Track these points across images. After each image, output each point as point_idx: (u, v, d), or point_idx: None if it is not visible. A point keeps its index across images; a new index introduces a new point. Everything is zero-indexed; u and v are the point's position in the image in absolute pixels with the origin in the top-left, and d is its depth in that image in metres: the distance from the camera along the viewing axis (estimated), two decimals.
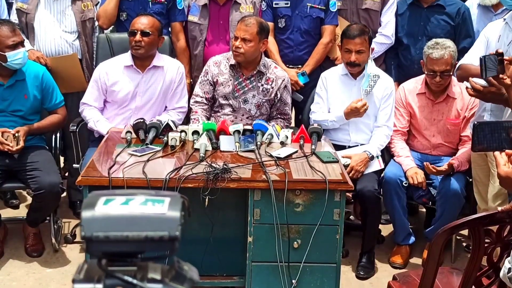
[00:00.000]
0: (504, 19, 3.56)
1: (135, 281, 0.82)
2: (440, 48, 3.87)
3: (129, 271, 0.84)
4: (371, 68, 4.07)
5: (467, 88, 3.11)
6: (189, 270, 0.90)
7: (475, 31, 4.39)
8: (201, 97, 4.10)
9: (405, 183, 3.93)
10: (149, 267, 0.87)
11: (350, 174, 3.80)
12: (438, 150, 4.16)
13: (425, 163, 3.93)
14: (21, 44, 3.80)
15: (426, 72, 3.98)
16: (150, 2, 4.50)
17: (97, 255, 0.85)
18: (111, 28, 4.64)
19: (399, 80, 4.46)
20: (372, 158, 3.98)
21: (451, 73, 3.92)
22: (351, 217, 4.65)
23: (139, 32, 3.95)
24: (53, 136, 4.14)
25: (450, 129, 4.08)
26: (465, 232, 4.27)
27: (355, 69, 4.06)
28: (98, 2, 4.57)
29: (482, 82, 2.99)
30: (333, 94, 4.18)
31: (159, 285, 0.84)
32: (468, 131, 3.97)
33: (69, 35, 4.41)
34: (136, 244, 0.85)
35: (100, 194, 0.88)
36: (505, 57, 2.82)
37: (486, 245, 2.50)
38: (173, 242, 0.86)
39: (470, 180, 3.93)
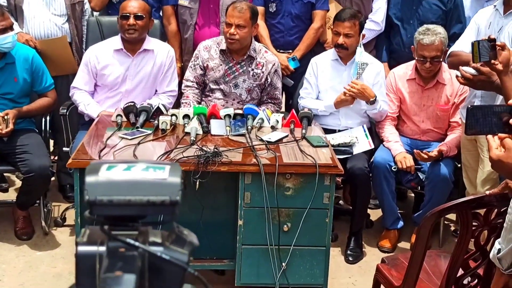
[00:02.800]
0: (495, 6, 3.59)
1: (137, 244, 0.83)
2: (431, 34, 3.90)
3: (131, 235, 0.86)
4: (360, 56, 4.08)
5: (457, 76, 3.13)
6: (189, 235, 0.92)
7: (467, 17, 4.41)
8: (192, 81, 4.10)
9: (394, 168, 3.96)
10: (150, 232, 0.89)
11: (354, 87, 3.90)
12: (427, 135, 4.19)
13: (415, 151, 3.96)
14: (10, 28, 3.77)
15: (416, 58, 4.00)
16: None
17: (100, 219, 0.87)
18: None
19: (390, 64, 4.49)
20: (375, 99, 3.99)
21: (441, 60, 3.95)
22: (341, 201, 4.69)
23: (132, 16, 3.94)
24: (43, 119, 4.12)
25: (440, 115, 4.11)
26: (453, 217, 4.32)
27: (343, 52, 4.08)
28: None
29: (472, 70, 3.01)
30: (323, 79, 4.20)
31: (160, 248, 0.85)
32: (457, 117, 4.01)
33: (58, 18, 4.38)
34: (138, 208, 0.87)
35: (102, 162, 0.89)
36: (497, 43, 2.83)
37: (473, 228, 2.53)
38: (174, 206, 0.88)
39: (459, 165, 3.97)
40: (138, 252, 0.84)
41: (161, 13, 4.63)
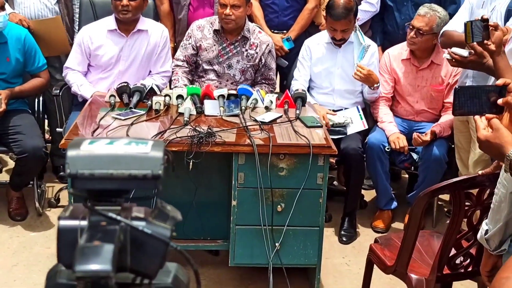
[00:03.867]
0: None
1: (119, 218, 0.83)
2: (429, 8, 3.95)
3: (114, 211, 0.85)
4: (362, 38, 4.08)
5: (447, 59, 3.13)
6: (172, 210, 0.92)
7: None
8: (182, 61, 4.09)
9: (388, 148, 3.97)
10: (134, 208, 0.88)
11: (361, 72, 3.93)
12: (421, 116, 4.19)
13: (414, 134, 3.95)
14: (1, 8, 3.74)
15: (407, 29, 4.02)
16: None
17: (82, 193, 0.87)
18: None
19: (384, 46, 4.47)
20: (379, 84, 4.04)
21: (425, 37, 3.94)
22: (335, 182, 4.70)
23: None
24: (36, 100, 4.11)
25: (434, 96, 4.11)
26: (446, 197, 4.33)
27: (340, 43, 4.10)
28: None
29: (462, 52, 3.00)
30: (317, 61, 4.19)
31: (142, 222, 0.85)
32: (451, 98, 4.00)
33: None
34: (120, 182, 0.86)
35: (85, 138, 0.88)
36: (490, 23, 2.82)
37: (466, 208, 2.54)
38: (156, 180, 0.87)
39: (453, 146, 3.97)
40: (120, 226, 0.83)
41: None
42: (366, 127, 4.07)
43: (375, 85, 4.02)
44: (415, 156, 4.03)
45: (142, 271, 0.87)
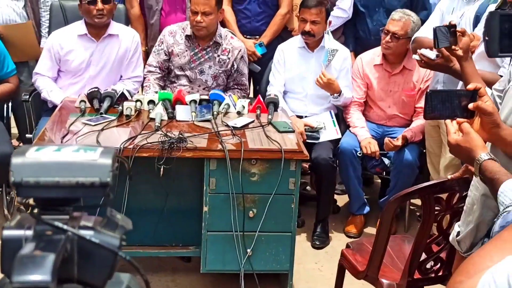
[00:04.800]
0: None
1: (65, 227, 0.80)
2: (403, 13, 3.99)
3: (61, 220, 0.83)
4: (329, 42, 4.09)
5: (416, 60, 3.16)
6: (122, 219, 0.89)
7: (432, 4, 4.43)
8: (155, 67, 4.07)
9: (359, 153, 3.98)
10: (83, 217, 0.86)
11: (322, 79, 3.95)
12: (393, 121, 4.21)
13: (386, 139, 3.97)
14: None
15: (382, 34, 4.04)
16: None
17: (30, 203, 0.84)
18: None
19: (356, 51, 4.49)
20: (340, 93, 4.03)
21: (400, 41, 3.96)
22: (308, 187, 4.69)
23: (99, 0, 3.87)
24: (5, 106, 4.05)
25: (406, 101, 4.14)
26: (418, 202, 4.34)
27: (310, 39, 4.09)
28: None
29: (430, 54, 3.03)
30: (291, 66, 4.19)
31: (90, 232, 0.83)
32: (422, 103, 4.02)
33: (16, 3, 4.30)
34: (67, 190, 0.84)
35: (34, 145, 0.86)
36: (457, 29, 2.85)
37: (436, 212, 2.55)
38: (104, 188, 0.85)
39: (424, 151, 4.00)
40: (66, 236, 0.81)
41: None
42: (339, 135, 4.07)
43: (335, 94, 4.02)
44: (386, 161, 4.04)
45: (90, 282, 0.85)
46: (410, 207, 4.26)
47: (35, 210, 0.85)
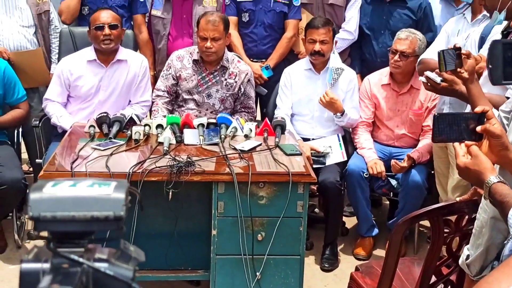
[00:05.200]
0: (463, 14, 3.65)
1: (81, 260, 0.83)
2: (408, 32, 4.03)
3: (77, 252, 0.85)
4: (334, 61, 4.12)
5: (422, 82, 3.17)
6: (135, 251, 0.91)
7: (438, 26, 4.47)
8: (163, 91, 4.10)
9: (366, 174, 3.99)
10: (98, 249, 0.88)
11: (324, 98, 3.98)
12: (401, 141, 4.22)
13: (392, 161, 3.98)
14: None
15: (390, 54, 4.08)
16: None
17: (47, 236, 0.86)
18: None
19: (362, 74, 4.52)
20: (343, 113, 4.04)
21: (409, 59, 3.99)
22: (316, 210, 4.69)
23: (107, 26, 3.93)
24: (15, 131, 4.09)
25: (414, 120, 4.15)
26: (428, 223, 4.33)
27: (319, 59, 4.11)
28: None
29: (435, 77, 3.04)
30: (297, 89, 4.22)
31: (105, 264, 0.85)
32: (429, 121, 4.05)
33: (27, 30, 4.36)
34: (83, 224, 0.86)
35: (50, 180, 0.89)
36: (462, 51, 2.86)
37: (445, 235, 2.54)
38: (118, 221, 0.87)
39: (432, 172, 4.00)
40: (82, 268, 0.83)
41: (132, 23, 4.62)
42: (345, 158, 4.07)
43: (338, 113, 4.04)
44: (393, 182, 4.05)
45: None
46: (420, 229, 4.25)
47: (52, 243, 0.87)
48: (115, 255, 0.87)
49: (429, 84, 3.08)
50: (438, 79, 3.01)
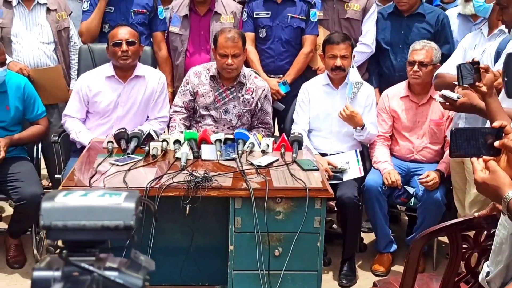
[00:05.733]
0: (480, 29, 3.64)
1: (91, 268, 0.83)
2: (422, 42, 4.07)
3: (88, 261, 0.86)
4: (354, 75, 4.13)
5: (440, 102, 3.15)
6: (146, 260, 0.92)
7: (455, 40, 4.46)
8: (180, 107, 4.13)
9: (385, 187, 3.97)
10: (109, 258, 0.89)
11: (344, 111, 3.97)
12: (421, 153, 4.18)
13: (419, 181, 3.95)
14: (1, 64, 3.78)
15: (407, 65, 4.09)
16: (132, 13, 4.54)
17: (58, 245, 0.87)
18: None
19: (380, 88, 4.51)
20: (363, 127, 4.03)
21: (428, 68, 4.00)
22: (334, 225, 4.67)
23: (124, 42, 3.97)
24: (35, 147, 4.13)
25: (435, 130, 4.13)
26: (446, 239, 4.29)
27: (340, 74, 4.12)
28: (71, 11, 4.61)
29: (452, 95, 3.02)
30: (315, 104, 4.21)
31: (115, 273, 0.86)
32: None
33: (47, 46, 4.43)
34: (93, 233, 0.87)
35: (62, 190, 0.90)
36: (481, 65, 2.85)
37: (463, 250, 2.52)
38: (128, 231, 0.88)
39: (451, 187, 3.97)
40: (92, 277, 0.84)
41: (151, 40, 4.67)
42: (362, 174, 4.02)
43: (358, 128, 4.03)
44: (410, 190, 4.02)
45: None
46: (439, 245, 4.21)
47: (64, 252, 0.88)
48: (125, 264, 0.88)
49: (447, 103, 3.06)
50: (454, 96, 2.99)
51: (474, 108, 2.95)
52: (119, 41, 3.98)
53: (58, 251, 0.89)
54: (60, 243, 0.89)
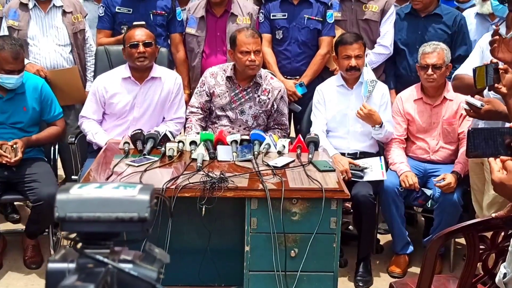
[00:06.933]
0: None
1: (106, 260, 0.83)
2: (432, 45, 4.07)
3: (102, 253, 0.86)
4: (367, 74, 4.12)
5: (465, 109, 3.12)
6: (160, 253, 0.92)
7: (472, 40, 4.43)
8: (197, 107, 4.13)
9: (401, 189, 3.95)
10: (124, 251, 0.89)
11: (362, 110, 3.97)
12: (437, 154, 4.16)
13: (435, 183, 3.93)
14: (18, 71, 3.81)
15: (419, 70, 4.08)
16: (151, 15, 4.56)
17: (74, 237, 0.88)
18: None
19: (397, 89, 4.49)
20: (381, 125, 4.02)
21: (442, 70, 4.00)
22: (350, 227, 4.65)
23: (141, 43, 3.99)
24: (52, 148, 4.16)
25: (449, 130, 4.12)
26: (464, 241, 4.26)
27: (355, 74, 4.12)
28: (87, 14, 4.64)
29: (475, 102, 2.99)
30: (331, 105, 4.21)
31: (130, 265, 0.86)
32: (465, 128, 4.00)
33: (63, 48, 4.46)
34: (108, 225, 0.87)
35: (76, 183, 0.90)
36: (500, 66, 2.82)
37: (481, 251, 2.50)
38: (142, 223, 0.88)
39: (468, 189, 3.94)
40: (106, 268, 0.84)
41: (169, 42, 4.68)
42: (385, 177, 3.97)
43: (377, 126, 4.02)
44: (428, 192, 4.00)
45: None
46: (456, 246, 4.18)
47: (79, 245, 0.88)
48: (140, 257, 0.88)
49: (471, 110, 3.03)
50: (478, 103, 2.96)
51: (500, 115, 2.90)
52: (136, 42, 3.99)
53: (73, 243, 0.90)
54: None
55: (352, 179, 3.91)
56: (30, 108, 3.96)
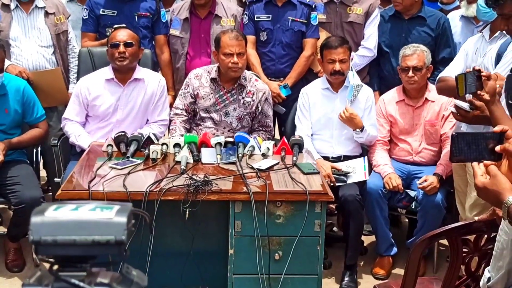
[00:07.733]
0: (481, 32, 3.63)
1: (81, 284, 0.82)
2: (412, 47, 4.09)
3: (79, 276, 0.85)
4: (353, 78, 4.12)
5: (452, 112, 3.12)
6: (138, 275, 0.91)
7: (457, 42, 4.46)
8: (181, 109, 4.11)
9: (385, 191, 3.96)
10: (101, 273, 0.88)
11: (344, 114, 4.00)
12: (420, 155, 4.18)
13: (418, 185, 3.94)
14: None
15: (400, 72, 4.10)
16: (136, 16, 4.53)
17: (46, 259, 0.86)
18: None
19: (381, 91, 4.51)
20: (362, 128, 4.03)
21: (422, 71, 4.03)
22: (335, 228, 4.66)
23: (122, 43, 3.96)
24: (34, 150, 4.12)
25: (431, 131, 4.14)
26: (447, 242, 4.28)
27: (339, 78, 4.11)
28: (70, 15, 4.60)
29: (463, 105, 3.00)
30: (316, 109, 4.20)
31: None
32: (447, 129, 4.03)
33: (46, 49, 4.43)
34: (84, 248, 0.86)
35: (53, 203, 0.88)
36: (482, 73, 2.82)
37: (464, 254, 2.51)
38: (120, 246, 0.87)
39: (452, 190, 3.96)
40: None
41: (154, 43, 4.66)
42: (367, 178, 4.00)
43: (357, 129, 4.03)
44: (412, 193, 4.02)
45: None
46: (439, 248, 4.20)
47: (55, 266, 0.87)
48: (117, 280, 0.87)
49: (459, 114, 3.04)
50: (466, 107, 2.96)
51: (487, 119, 2.91)
52: (117, 42, 3.97)
53: (49, 266, 0.88)
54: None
55: (336, 184, 3.92)
56: (12, 110, 3.91)
